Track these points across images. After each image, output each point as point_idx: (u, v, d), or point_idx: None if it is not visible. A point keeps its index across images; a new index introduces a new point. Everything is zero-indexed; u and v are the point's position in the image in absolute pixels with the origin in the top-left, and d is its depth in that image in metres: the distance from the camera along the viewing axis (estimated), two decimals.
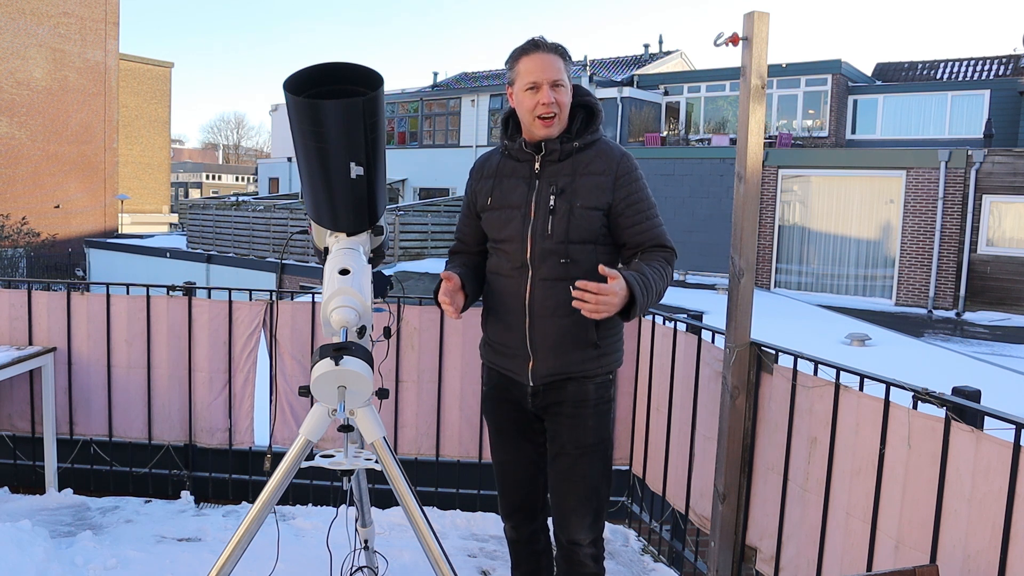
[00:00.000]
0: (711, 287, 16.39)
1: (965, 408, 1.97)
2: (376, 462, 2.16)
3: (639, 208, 2.28)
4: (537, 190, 2.29)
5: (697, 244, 17.78)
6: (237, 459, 4.12)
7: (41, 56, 29.75)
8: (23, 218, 26.77)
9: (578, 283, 2.03)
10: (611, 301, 2.01)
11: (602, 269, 2.04)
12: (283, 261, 19.23)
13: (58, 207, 30.12)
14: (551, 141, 2.27)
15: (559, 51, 2.26)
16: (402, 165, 26.58)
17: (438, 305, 2.33)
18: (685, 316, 3.44)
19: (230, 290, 3.97)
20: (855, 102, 20.22)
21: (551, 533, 2.56)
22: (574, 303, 2.04)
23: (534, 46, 2.24)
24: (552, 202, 2.25)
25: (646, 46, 26.94)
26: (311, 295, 4.06)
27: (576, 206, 2.24)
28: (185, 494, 4.03)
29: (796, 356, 2.61)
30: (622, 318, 2.13)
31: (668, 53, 26.07)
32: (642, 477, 3.75)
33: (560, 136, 2.27)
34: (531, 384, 2.34)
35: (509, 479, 2.52)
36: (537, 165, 2.30)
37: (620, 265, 2.36)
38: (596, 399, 2.32)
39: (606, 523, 3.87)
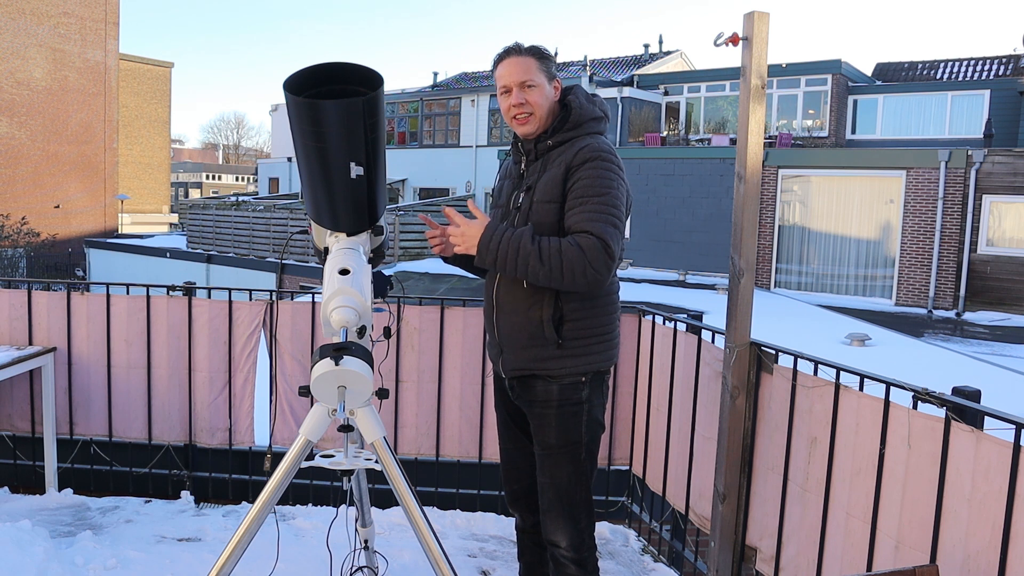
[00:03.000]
0: (711, 287, 16.39)
1: (965, 408, 1.97)
2: (376, 462, 2.16)
3: (578, 194, 2.21)
4: (519, 189, 2.39)
5: (697, 244, 17.78)
6: (237, 459, 4.12)
7: (41, 56, 29.75)
8: (23, 218, 26.77)
9: (444, 209, 2.27)
10: (456, 232, 2.21)
11: (471, 204, 2.27)
12: (283, 261, 19.23)
13: (58, 207, 30.12)
14: (527, 142, 2.37)
15: (533, 52, 2.33)
16: (402, 165, 26.59)
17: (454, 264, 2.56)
18: (685, 316, 3.44)
19: (230, 290, 3.97)
20: (855, 102, 20.22)
21: None
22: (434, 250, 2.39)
23: (505, 52, 2.35)
24: (520, 199, 2.35)
25: (646, 46, 26.95)
26: (311, 295, 4.06)
27: (534, 201, 2.30)
28: (185, 494, 4.03)
29: (796, 356, 2.61)
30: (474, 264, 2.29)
31: (668, 53, 26.07)
32: (642, 477, 3.75)
33: (537, 136, 2.35)
34: (504, 377, 2.43)
35: (509, 467, 2.60)
36: (523, 166, 2.41)
37: None
38: (561, 400, 2.33)
39: (606, 523, 3.87)
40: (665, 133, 21.49)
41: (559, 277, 2.13)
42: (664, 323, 3.52)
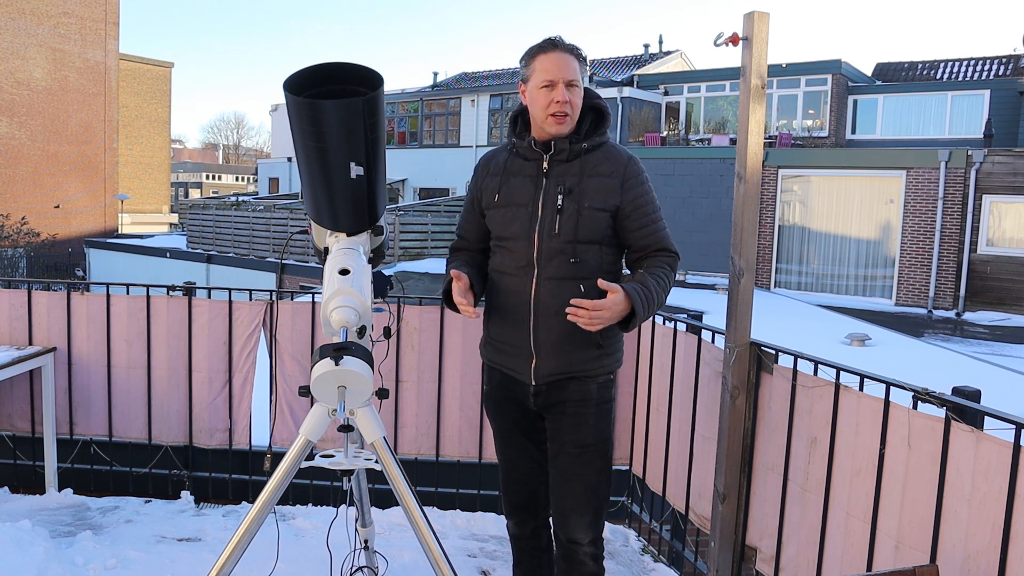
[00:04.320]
0: (711, 287, 16.39)
1: (965, 408, 1.97)
2: (376, 462, 2.16)
3: (645, 211, 2.30)
4: (544, 189, 2.29)
5: (697, 244, 17.78)
6: (237, 459, 4.11)
7: (41, 56, 29.75)
8: (23, 218, 26.76)
9: (572, 301, 2.09)
10: (604, 316, 2.09)
11: (602, 284, 2.10)
12: (283, 261, 19.23)
13: (58, 207, 30.12)
14: (560, 140, 2.28)
15: (575, 52, 2.29)
16: (402, 165, 26.59)
17: (445, 305, 2.38)
18: (685, 316, 3.44)
19: (230, 290, 3.97)
20: (855, 102, 20.22)
21: (553, 531, 2.57)
22: (569, 316, 2.10)
23: (552, 45, 2.27)
24: (560, 201, 2.26)
25: (646, 46, 26.95)
26: (311, 295, 4.06)
27: (584, 206, 2.25)
28: (185, 494, 4.03)
29: (796, 356, 2.61)
30: (621, 328, 2.21)
31: (668, 53, 26.07)
32: (642, 477, 3.75)
33: (569, 136, 2.29)
34: (533, 383, 2.34)
35: (512, 477, 2.54)
36: (545, 164, 2.31)
37: (624, 268, 2.39)
38: (598, 399, 2.34)
39: (606, 523, 3.87)
40: (665, 133, 21.49)
41: (665, 301, 2.29)
42: (664, 323, 3.52)
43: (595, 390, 2.33)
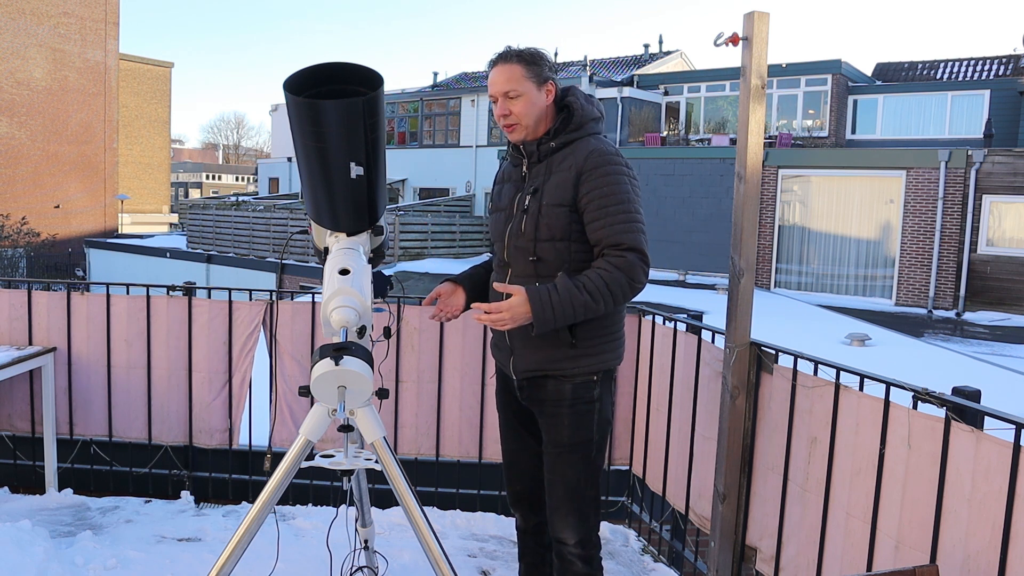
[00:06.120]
0: (711, 287, 16.39)
1: (965, 408, 1.97)
2: (376, 462, 2.16)
3: (599, 204, 2.23)
4: (522, 192, 2.37)
5: (697, 244, 17.78)
6: (237, 459, 4.12)
7: (41, 56, 29.75)
8: (23, 218, 26.76)
9: (473, 305, 2.22)
10: (504, 318, 2.13)
11: (497, 286, 2.19)
12: (283, 261, 19.24)
13: (58, 207, 30.12)
14: (528, 144, 2.36)
15: (521, 58, 2.30)
16: (402, 165, 26.59)
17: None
18: (685, 316, 3.44)
19: (230, 290, 3.97)
20: (855, 102, 20.22)
21: None
22: (474, 318, 2.19)
23: (495, 59, 2.35)
24: (527, 202, 2.33)
25: (646, 46, 26.95)
26: (311, 295, 4.06)
27: (543, 204, 2.29)
28: (185, 494, 4.03)
29: (796, 356, 2.61)
30: (533, 329, 2.18)
31: (668, 53, 26.07)
32: (642, 477, 3.75)
33: (540, 138, 2.35)
34: (515, 378, 2.41)
35: (513, 468, 2.60)
36: (524, 169, 2.40)
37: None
38: (574, 399, 2.33)
39: (606, 523, 3.88)
40: (665, 133, 21.49)
41: (613, 304, 2.20)
42: (664, 323, 3.52)
43: (570, 391, 2.32)
